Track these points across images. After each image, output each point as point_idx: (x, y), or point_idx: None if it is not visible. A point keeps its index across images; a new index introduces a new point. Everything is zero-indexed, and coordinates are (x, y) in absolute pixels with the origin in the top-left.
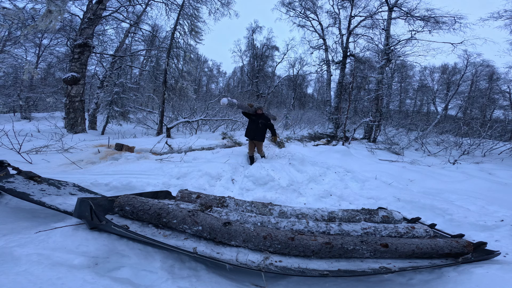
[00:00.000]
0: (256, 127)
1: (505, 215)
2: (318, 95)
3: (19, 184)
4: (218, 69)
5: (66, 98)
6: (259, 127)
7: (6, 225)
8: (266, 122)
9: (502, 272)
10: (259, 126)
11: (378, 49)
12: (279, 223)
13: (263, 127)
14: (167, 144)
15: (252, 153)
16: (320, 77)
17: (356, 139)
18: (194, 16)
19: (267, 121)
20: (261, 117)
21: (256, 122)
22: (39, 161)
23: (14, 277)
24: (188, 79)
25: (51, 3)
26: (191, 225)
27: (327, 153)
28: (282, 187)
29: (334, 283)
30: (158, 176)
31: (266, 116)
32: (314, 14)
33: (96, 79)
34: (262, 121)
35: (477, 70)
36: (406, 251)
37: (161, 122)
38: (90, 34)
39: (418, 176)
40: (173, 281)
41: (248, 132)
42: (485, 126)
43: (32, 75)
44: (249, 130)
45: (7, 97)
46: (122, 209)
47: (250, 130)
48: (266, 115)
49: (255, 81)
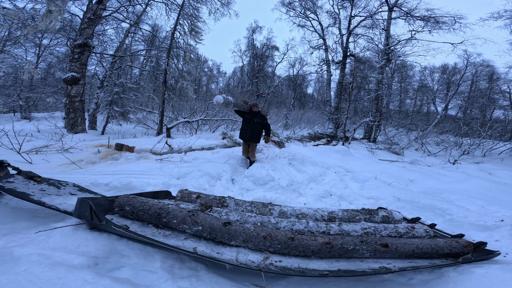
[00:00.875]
0: (253, 127)
1: (505, 215)
2: (318, 95)
3: (19, 184)
4: (218, 69)
5: (66, 98)
6: (255, 126)
7: (6, 225)
8: (262, 121)
9: (502, 272)
10: (255, 126)
11: (378, 49)
12: (279, 223)
13: (259, 127)
14: (167, 144)
15: (247, 154)
16: (320, 77)
17: (356, 139)
18: (194, 16)
19: (264, 120)
20: (257, 115)
21: (252, 121)
22: (39, 161)
23: (14, 277)
24: (188, 79)
25: (51, 3)
26: (191, 225)
27: (327, 153)
28: (282, 187)
29: (334, 283)
30: (158, 176)
31: (263, 115)
32: (314, 14)
33: (96, 79)
34: (258, 119)
35: (477, 70)
36: (406, 251)
37: (161, 122)
38: (90, 34)
39: (418, 176)
40: (173, 281)
41: (242, 133)
42: (485, 126)
43: (32, 75)
44: (244, 131)
45: (7, 97)
46: (122, 209)
47: (245, 131)
48: (263, 113)
49: (255, 81)
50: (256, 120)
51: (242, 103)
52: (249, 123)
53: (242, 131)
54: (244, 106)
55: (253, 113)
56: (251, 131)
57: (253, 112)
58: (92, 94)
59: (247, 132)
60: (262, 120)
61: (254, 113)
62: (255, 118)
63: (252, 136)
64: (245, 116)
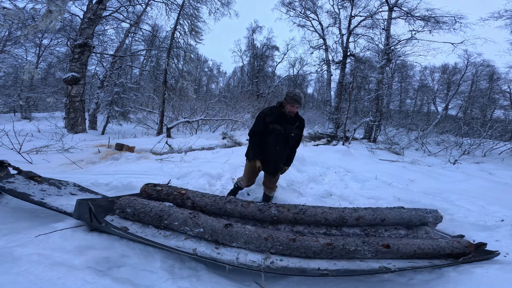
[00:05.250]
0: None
1: (505, 215)
2: (318, 95)
3: (20, 184)
4: (218, 69)
5: (66, 98)
6: (290, 142)
7: (6, 225)
8: (301, 132)
9: (502, 272)
10: (290, 141)
11: (378, 49)
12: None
13: (292, 142)
14: (167, 144)
15: (251, 184)
16: (320, 77)
17: (356, 139)
18: (194, 16)
19: (302, 129)
20: (294, 122)
21: (283, 135)
22: (40, 161)
23: (14, 277)
24: (188, 79)
25: (51, 3)
26: (193, 227)
27: (327, 153)
28: (282, 187)
29: (334, 283)
30: (158, 176)
31: (301, 118)
32: (314, 14)
33: (96, 79)
34: (296, 130)
35: (477, 70)
36: (408, 252)
37: (161, 122)
38: (90, 34)
39: (419, 176)
40: (173, 281)
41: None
42: (485, 126)
43: (32, 75)
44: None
45: (8, 97)
46: (123, 211)
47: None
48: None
49: (255, 81)
50: (293, 133)
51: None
52: (278, 137)
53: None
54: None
55: (286, 116)
56: (280, 152)
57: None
58: (92, 94)
59: (275, 155)
60: (301, 130)
61: (292, 119)
62: (293, 126)
63: (278, 161)
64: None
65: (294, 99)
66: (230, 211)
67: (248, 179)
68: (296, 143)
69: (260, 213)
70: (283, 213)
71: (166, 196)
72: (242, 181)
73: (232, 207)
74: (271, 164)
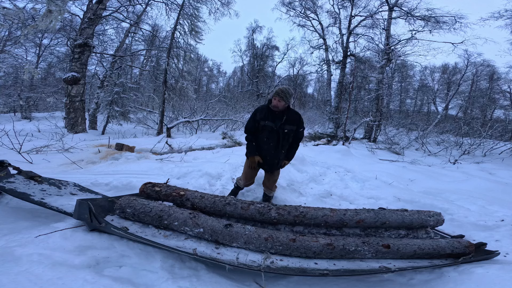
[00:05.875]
0: (277, 142)
1: (505, 215)
2: (318, 95)
3: (20, 184)
4: (218, 69)
5: (67, 98)
6: (285, 139)
7: (6, 225)
8: (296, 127)
9: (502, 272)
10: (285, 138)
11: (379, 49)
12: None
13: (288, 139)
14: (168, 144)
15: (249, 183)
16: (320, 77)
17: (356, 139)
18: (194, 16)
19: (299, 124)
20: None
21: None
22: (40, 161)
23: (14, 277)
24: (188, 79)
25: (51, 3)
26: (193, 227)
27: (327, 153)
28: (282, 187)
29: (334, 283)
30: (158, 176)
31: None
32: (314, 14)
33: (96, 79)
34: (289, 126)
35: (477, 70)
36: (408, 252)
37: (161, 122)
38: (90, 34)
39: (419, 176)
40: (174, 281)
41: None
42: (485, 126)
43: (33, 75)
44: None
45: (8, 97)
46: (123, 211)
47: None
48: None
49: (255, 81)
50: (286, 128)
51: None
52: (271, 134)
53: (257, 147)
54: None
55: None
56: (274, 148)
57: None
58: (93, 94)
59: (268, 151)
60: (298, 126)
61: (280, 112)
62: (284, 122)
63: (276, 159)
64: (265, 123)
65: (277, 93)
66: (230, 213)
67: (247, 179)
68: (295, 139)
69: (260, 216)
70: (283, 216)
71: (165, 197)
72: (241, 181)
73: (231, 209)
74: (266, 161)
